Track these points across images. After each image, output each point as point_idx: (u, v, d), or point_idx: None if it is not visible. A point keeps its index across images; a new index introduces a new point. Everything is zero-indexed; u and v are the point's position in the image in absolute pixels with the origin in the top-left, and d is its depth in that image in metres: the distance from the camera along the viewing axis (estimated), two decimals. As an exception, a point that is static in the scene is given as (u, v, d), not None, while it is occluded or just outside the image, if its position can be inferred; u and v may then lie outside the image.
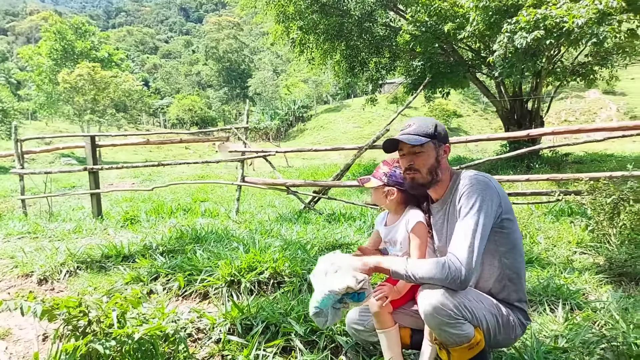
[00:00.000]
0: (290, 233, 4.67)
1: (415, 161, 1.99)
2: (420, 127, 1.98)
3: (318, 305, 1.84)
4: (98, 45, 42.79)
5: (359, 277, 1.83)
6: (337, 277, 1.83)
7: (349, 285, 1.79)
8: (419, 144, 1.95)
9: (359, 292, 1.84)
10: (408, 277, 1.78)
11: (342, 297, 1.85)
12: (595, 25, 8.87)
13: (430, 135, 1.95)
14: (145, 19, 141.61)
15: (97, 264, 3.74)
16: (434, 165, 1.98)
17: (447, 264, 1.73)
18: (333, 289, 1.80)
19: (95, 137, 6.82)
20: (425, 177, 1.99)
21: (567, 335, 2.44)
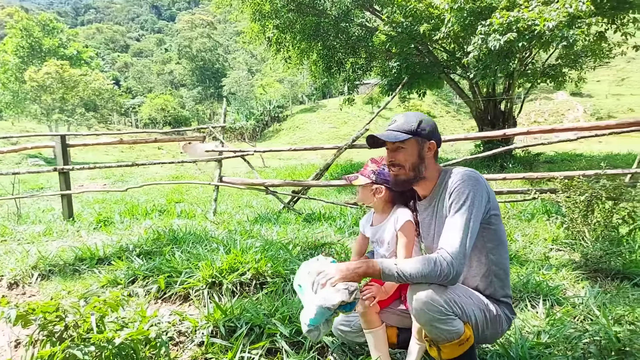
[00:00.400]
0: (271, 233, 4.62)
1: (396, 157, 1.98)
2: (403, 123, 1.97)
3: (311, 323, 1.76)
4: (66, 43, 41.54)
5: (350, 288, 1.76)
6: (329, 291, 1.75)
7: (343, 299, 1.73)
8: (398, 141, 1.94)
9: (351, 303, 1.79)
10: (399, 277, 1.75)
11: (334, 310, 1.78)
12: (566, 28, 9.11)
13: (412, 132, 1.94)
14: (115, 17, 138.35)
15: (71, 267, 3.60)
16: (416, 162, 1.97)
17: (438, 260, 1.72)
18: (326, 305, 1.72)
19: (65, 137, 6.58)
20: (408, 174, 1.98)
21: (550, 331, 2.47)
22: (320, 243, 3.88)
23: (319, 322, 1.77)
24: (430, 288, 1.72)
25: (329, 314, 1.75)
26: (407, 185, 2.06)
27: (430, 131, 1.98)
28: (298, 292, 1.93)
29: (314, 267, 1.89)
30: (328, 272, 1.81)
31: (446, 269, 1.70)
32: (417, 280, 1.73)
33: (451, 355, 1.78)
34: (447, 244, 1.76)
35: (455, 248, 1.73)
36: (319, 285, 1.80)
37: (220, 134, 6.51)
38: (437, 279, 1.71)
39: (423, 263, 1.74)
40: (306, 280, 1.87)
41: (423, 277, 1.72)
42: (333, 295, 1.73)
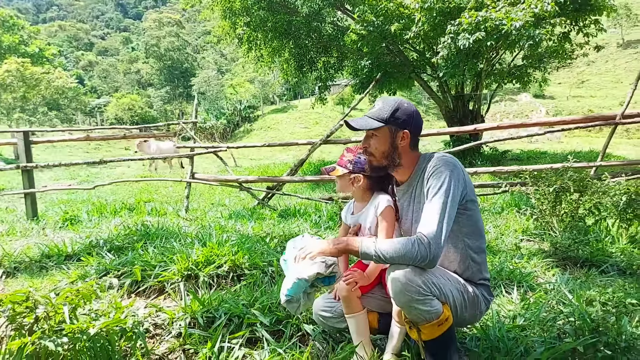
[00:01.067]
0: (246, 229, 4.56)
1: (369, 144, 2.00)
2: (379, 109, 1.96)
3: (289, 293, 1.80)
4: (27, 40, 40.03)
5: (328, 261, 1.80)
6: (306, 263, 1.80)
7: (319, 272, 1.77)
8: (368, 129, 1.94)
9: (330, 276, 1.82)
10: (377, 257, 1.75)
11: (312, 282, 1.82)
12: (532, 27, 9.40)
13: (383, 120, 1.93)
14: (79, 14, 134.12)
15: (37, 264, 3.45)
16: (388, 151, 1.97)
17: (417, 242, 1.73)
18: (303, 276, 1.77)
19: (28, 133, 6.32)
20: (380, 161, 2.00)
21: (525, 315, 2.53)
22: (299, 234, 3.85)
23: (295, 292, 1.80)
24: (408, 269, 1.73)
25: (305, 285, 1.78)
26: (381, 172, 2.08)
27: (405, 120, 1.95)
28: (283, 267, 1.96)
29: (298, 243, 1.94)
30: (309, 246, 1.86)
31: (424, 251, 1.71)
32: (395, 260, 1.74)
33: (431, 335, 1.80)
34: (425, 227, 1.77)
35: (433, 231, 1.74)
36: (300, 259, 1.84)
37: (192, 129, 6.39)
38: (415, 261, 1.72)
39: (401, 244, 1.74)
40: (290, 255, 1.91)
41: (401, 258, 1.73)
42: (310, 267, 1.77)
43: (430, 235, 1.73)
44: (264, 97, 54.24)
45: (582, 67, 55.23)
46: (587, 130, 37.68)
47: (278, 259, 3.20)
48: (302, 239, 1.98)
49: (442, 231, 1.75)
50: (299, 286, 1.79)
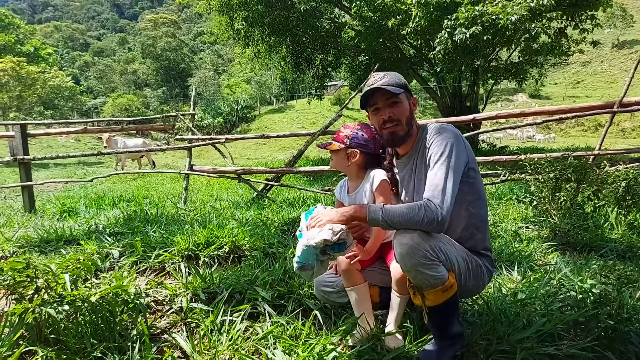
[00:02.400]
0: (246, 216, 4.55)
1: (394, 112, 1.97)
2: (392, 78, 1.96)
3: (299, 259, 1.82)
4: (23, 39, 39.87)
5: (335, 228, 1.79)
6: (315, 231, 1.82)
7: (326, 238, 1.77)
8: (397, 94, 1.93)
9: (339, 243, 1.82)
10: (385, 222, 1.74)
11: (324, 249, 1.82)
12: (528, 21, 9.44)
13: (404, 86, 1.96)
14: (74, 15, 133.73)
15: (37, 248, 3.43)
16: (409, 117, 1.99)
17: (423, 206, 1.72)
18: (310, 243, 1.78)
19: (25, 126, 6.29)
20: (405, 128, 1.99)
21: (526, 291, 2.54)
22: (299, 219, 3.85)
23: (307, 259, 1.81)
24: (415, 233, 1.72)
25: (314, 252, 1.79)
26: (402, 142, 2.04)
27: (410, 90, 2.02)
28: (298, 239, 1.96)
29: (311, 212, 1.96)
30: (319, 215, 1.86)
31: (430, 215, 1.70)
32: (402, 225, 1.73)
33: (435, 302, 1.79)
34: (430, 192, 1.77)
35: (439, 195, 1.74)
36: (310, 227, 1.85)
37: (190, 121, 6.38)
38: (422, 225, 1.71)
39: (408, 208, 1.74)
40: (303, 225, 1.94)
41: (408, 222, 1.72)
42: (317, 234, 1.78)
43: (437, 200, 1.72)
44: (260, 97, 54.13)
45: (578, 67, 55.51)
46: (583, 130, 37.91)
47: (279, 240, 3.20)
48: (315, 210, 1.99)
49: (447, 195, 1.74)
50: (308, 252, 1.81)
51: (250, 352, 1.90)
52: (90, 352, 1.80)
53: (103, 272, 2.76)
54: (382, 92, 1.94)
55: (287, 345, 1.91)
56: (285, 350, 1.88)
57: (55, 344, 1.86)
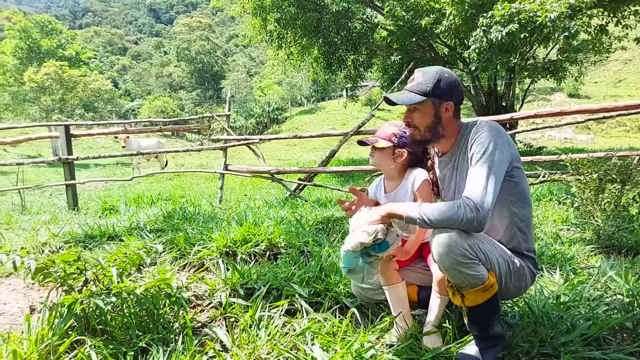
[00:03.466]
0: (280, 214, 4.60)
1: (412, 118, 1.96)
2: (420, 83, 1.92)
3: (344, 265, 1.83)
4: (65, 44, 41.51)
5: (369, 230, 1.78)
6: (351, 235, 1.82)
7: (361, 241, 1.76)
8: (410, 104, 1.91)
9: (379, 243, 1.80)
10: (422, 220, 1.72)
11: (366, 252, 1.82)
12: (567, 19, 9.14)
13: (426, 93, 1.89)
14: (113, 20, 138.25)
15: (81, 244, 3.57)
16: (432, 123, 1.93)
17: (462, 205, 1.69)
18: (347, 248, 1.78)
19: (69, 127, 6.56)
20: (424, 135, 1.96)
21: (569, 294, 2.46)
22: (333, 217, 3.87)
23: (351, 264, 1.81)
24: (454, 232, 1.69)
25: (354, 256, 1.79)
26: (423, 145, 2.06)
27: (448, 90, 1.92)
28: None
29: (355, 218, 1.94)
30: (358, 218, 1.86)
31: (470, 213, 1.66)
32: (440, 224, 1.70)
33: (475, 302, 1.76)
34: (469, 191, 1.73)
35: (479, 194, 1.70)
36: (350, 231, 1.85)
37: (225, 122, 6.50)
38: (461, 224, 1.68)
39: (447, 206, 1.71)
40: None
41: (446, 221, 1.69)
42: (353, 238, 1.78)
43: (476, 199, 1.69)
44: (291, 98, 54.55)
45: (620, 65, 53.23)
46: (625, 130, 36.34)
47: (314, 239, 3.22)
48: (359, 213, 1.96)
49: (488, 194, 1.70)
50: (348, 257, 1.80)
51: (289, 347, 1.92)
52: (135, 343, 1.86)
53: (145, 267, 2.85)
54: None
55: (325, 341, 1.92)
56: (323, 346, 1.90)
57: (102, 334, 1.94)
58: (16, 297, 2.65)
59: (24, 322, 2.12)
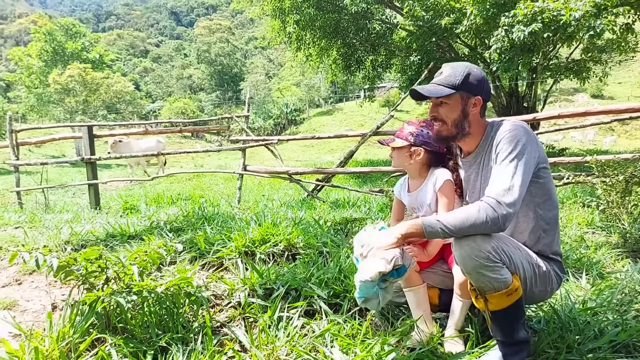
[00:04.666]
0: (298, 215, 4.59)
1: (438, 112, 1.91)
2: (448, 76, 1.88)
3: (360, 295, 1.73)
4: (89, 47, 42.38)
5: (388, 256, 1.70)
6: (367, 263, 1.71)
7: (380, 270, 1.67)
8: (439, 96, 1.86)
9: (397, 269, 1.73)
10: (444, 232, 1.65)
11: (383, 278, 1.72)
12: (592, 17, 8.93)
13: (455, 87, 1.85)
14: (135, 23, 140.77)
15: (103, 242, 3.62)
16: (459, 118, 1.89)
17: (482, 205, 1.63)
18: (366, 278, 1.68)
19: (92, 127, 6.68)
20: (450, 130, 1.91)
21: (596, 299, 2.39)
22: (352, 218, 3.84)
23: (367, 293, 1.71)
24: (477, 235, 1.64)
25: (372, 285, 1.69)
26: (448, 142, 2.01)
27: (477, 85, 1.88)
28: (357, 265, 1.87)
29: (363, 238, 1.84)
30: (369, 242, 1.75)
31: (492, 213, 1.61)
32: (464, 231, 1.63)
33: (499, 306, 1.70)
34: (491, 189, 1.68)
35: (501, 191, 1.64)
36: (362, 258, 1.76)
37: (244, 123, 6.53)
38: (484, 226, 1.62)
39: (465, 212, 1.65)
40: (356, 253, 1.85)
41: (469, 227, 1.62)
42: (371, 266, 1.68)
43: (499, 197, 1.63)
44: (309, 100, 54.69)
45: (645, 65, 51.81)
46: (652, 131, 35.32)
47: (332, 240, 3.20)
48: (365, 233, 1.89)
49: (512, 191, 1.64)
50: (366, 287, 1.70)
51: (308, 349, 1.90)
52: (155, 341, 1.87)
53: (164, 266, 2.87)
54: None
55: (344, 344, 1.90)
56: (343, 349, 1.87)
57: (122, 333, 1.95)
58: (38, 295, 2.70)
59: (46, 319, 2.16)
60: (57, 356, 1.76)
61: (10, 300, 2.59)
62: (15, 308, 2.54)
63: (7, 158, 7.57)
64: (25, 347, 1.80)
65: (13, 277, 2.96)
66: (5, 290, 2.77)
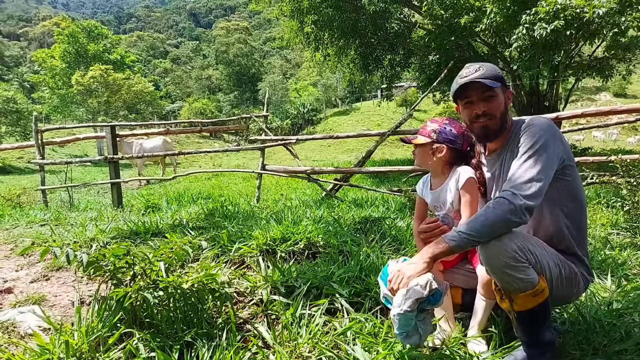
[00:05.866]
0: (317, 214, 4.61)
1: (489, 106, 1.87)
2: (489, 70, 1.86)
3: (400, 331, 1.65)
4: (110, 48, 43.20)
5: (421, 282, 1.62)
6: (401, 294, 1.64)
7: (417, 298, 1.60)
8: (495, 87, 1.84)
9: (433, 294, 1.64)
10: (470, 240, 1.62)
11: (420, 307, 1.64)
12: (617, 14, 8.75)
13: (500, 79, 1.86)
14: (155, 25, 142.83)
15: (127, 239, 3.69)
16: (504, 111, 1.90)
17: (499, 200, 1.63)
18: (404, 309, 1.60)
19: (115, 127, 6.81)
20: (498, 123, 1.90)
21: (622, 301, 2.35)
22: (371, 217, 3.85)
23: (405, 328, 1.63)
24: (502, 235, 1.62)
25: (411, 316, 1.61)
26: (494, 138, 1.95)
27: (505, 82, 1.92)
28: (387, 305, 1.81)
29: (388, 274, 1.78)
30: (398, 275, 1.69)
31: (507, 205, 1.60)
32: (488, 233, 1.61)
33: (525, 306, 1.69)
34: (508, 182, 1.68)
35: (518, 184, 1.64)
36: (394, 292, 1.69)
37: (263, 122, 6.58)
38: (504, 220, 1.60)
39: (483, 212, 1.64)
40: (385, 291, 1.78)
41: (491, 227, 1.61)
42: (406, 297, 1.61)
43: (514, 188, 1.63)
44: (326, 100, 54.73)
45: (672, 62, 50.40)
46: (679, 130, 34.38)
47: (352, 239, 3.20)
48: (389, 269, 1.81)
49: (530, 183, 1.62)
50: (405, 320, 1.62)
51: (330, 346, 1.92)
52: (181, 337, 1.91)
53: (188, 264, 2.92)
54: (477, 86, 1.85)
55: (366, 342, 1.91)
56: (365, 347, 1.88)
57: (149, 328, 1.99)
58: (66, 290, 2.77)
59: (74, 314, 2.22)
60: (86, 350, 1.81)
61: (39, 295, 2.66)
62: (44, 303, 2.61)
63: (32, 157, 7.77)
64: (56, 341, 1.85)
65: (41, 272, 3.03)
66: (33, 286, 2.85)
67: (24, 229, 5.03)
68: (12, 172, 21.27)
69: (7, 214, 6.01)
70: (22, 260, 3.35)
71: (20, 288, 2.79)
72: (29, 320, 2.20)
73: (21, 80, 64.24)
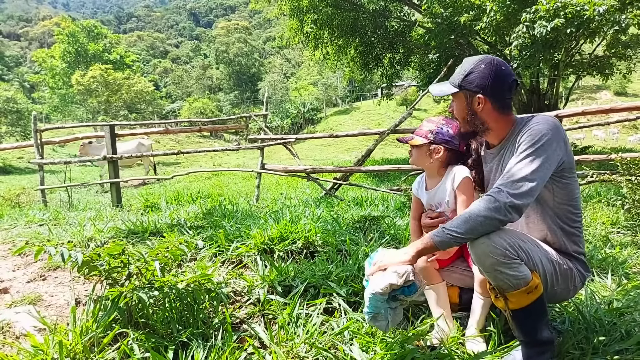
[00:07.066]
0: (316, 213, 4.59)
1: (453, 109, 1.93)
2: (456, 74, 1.87)
3: (368, 310, 1.74)
4: (110, 48, 43.20)
5: (399, 270, 1.70)
6: (378, 276, 1.73)
7: (391, 282, 1.68)
8: (442, 95, 1.91)
9: (408, 285, 1.73)
10: (455, 238, 1.62)
11: (393, 295, 1.74)
12: (617, 12, 8.72)
13: (457, 85, 1.84)
14: (155, 24, 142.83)
15: (125, 239, 3.67)
16: (467, 116, 1.87)
17: (484, 198, 1.61)
18: (376, 290, 1.69)
19: (114, 127, 6.80)
20: (464, 126, 1.92)
21: (622, 300, 2.33)
22: (370, 216, 3.83)
23: (375, 308, 1.72)
24: (493, 233, 1.61)
25: (381, 299, 1.70)
26: (469, 138, 2.01)
27: (479, 83, 1.80)
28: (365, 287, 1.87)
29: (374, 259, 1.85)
30: (381, 259, 1.76)
31: (492, 203, 1.58)
32: (475, 231, 1.60)
33: (519, 304, 1.66)
34: (500, 180, 1.65)
35: (508, 182, 1.61)
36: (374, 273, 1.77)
37: (263, 121, 6.56)
38: (487, 218, 1.58)
39: (469, 211, 1.62)
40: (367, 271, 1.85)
41: (478, 225, 1.59)
42: (382, 279, 1.69)
43: (503, 186, 1.61)
44: (326, 99, 54.71)
45: (672, 61, 50.30)
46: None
47: (351, 238, 3.19)
48: (376, 254, 1.89)
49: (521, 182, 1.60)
50: (375, 301, 1.71)
51: (327, 346, 1.90)
52: (176, 337, 1.89)
53: (185, 263, 2.90)
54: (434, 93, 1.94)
55: (364, 342, 1.89)
56: (363, 347, 1.86)
57: (144, 328, 1.97)
58: (62, 290, 2.75)
59: (69, 314, 2.20)
60: (80, 350, 1.79)
61: (34, 295, 2.64)
62: (40, 303, 2.59)
63: (32, 157, 7.76)
64: (50, 341, 1.84)
65: (37, 272, 3.02)
66: (30, 286, 2.84)
67: (22, 229, 5.01)
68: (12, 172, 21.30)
69: (6, 213, 5.99)
70: (19, 260, 3.34)
71: (16, 288, 2.78)
72: (23, 320, 2.18)
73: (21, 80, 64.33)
